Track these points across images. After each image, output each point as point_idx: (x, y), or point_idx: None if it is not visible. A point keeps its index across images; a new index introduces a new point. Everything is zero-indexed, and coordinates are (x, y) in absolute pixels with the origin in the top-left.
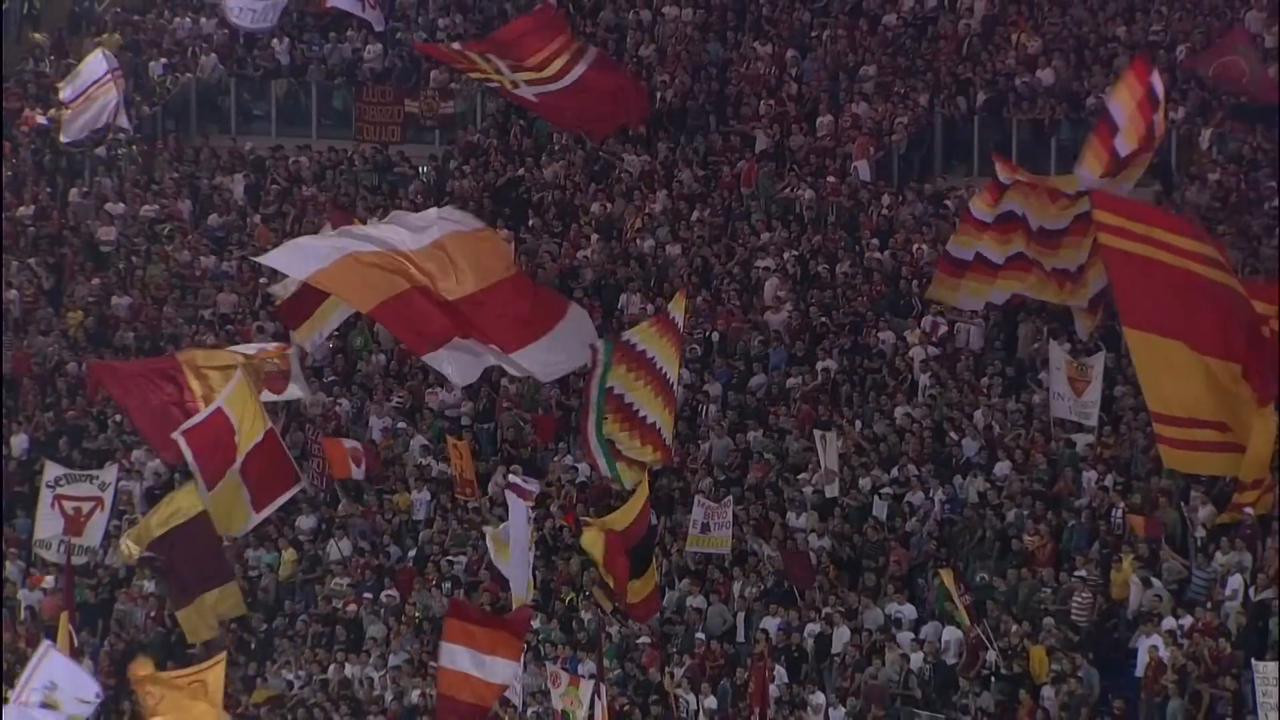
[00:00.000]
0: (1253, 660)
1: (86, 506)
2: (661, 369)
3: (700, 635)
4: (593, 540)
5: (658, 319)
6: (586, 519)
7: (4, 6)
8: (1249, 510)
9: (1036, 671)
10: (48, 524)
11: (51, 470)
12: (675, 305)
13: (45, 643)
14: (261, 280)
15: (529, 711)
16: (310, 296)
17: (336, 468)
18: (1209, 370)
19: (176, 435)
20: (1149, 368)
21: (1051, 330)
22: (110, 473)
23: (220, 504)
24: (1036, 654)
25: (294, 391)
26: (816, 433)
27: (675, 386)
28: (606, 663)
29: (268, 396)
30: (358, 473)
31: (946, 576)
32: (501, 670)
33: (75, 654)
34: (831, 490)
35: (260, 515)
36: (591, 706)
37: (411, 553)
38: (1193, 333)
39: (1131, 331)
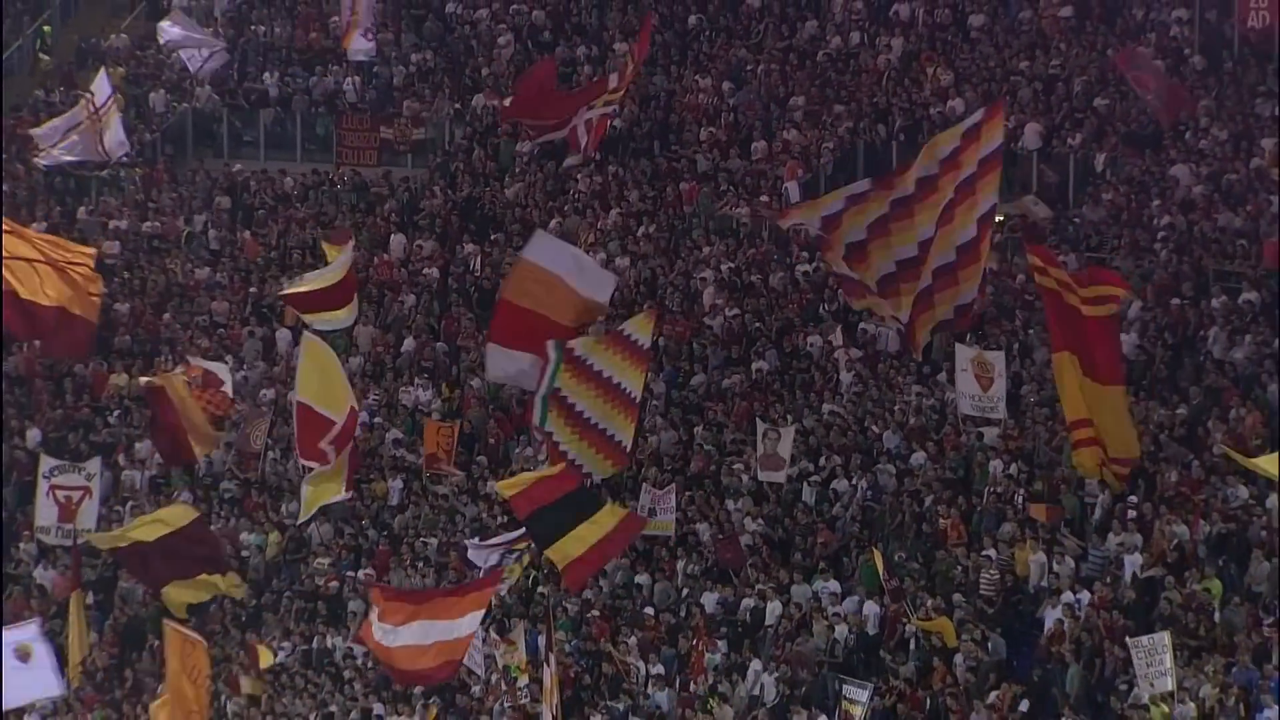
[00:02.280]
0: (1128, 638)
1: (76, 495)
2: (618, 383)
3: (649, 610)
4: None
5: (611, 338)
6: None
7: (5, 54)
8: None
9: (947, 640)
10: (45, 512)
11: (46, 462)
12: (637, 326)
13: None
14: (251, 290)
15: (493, 678)
16: (332, 298)
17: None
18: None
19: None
20: (1066, 383)
21: (957, 335)
22: (95, 464)
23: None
24: (946, 625)
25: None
26: (765, 426)
27: (635, 398)
28: (561, 635)
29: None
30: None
31: (877, 560)
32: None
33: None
34: (779, 477)
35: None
36: (539, 667)
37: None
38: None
39: (1058, 354)
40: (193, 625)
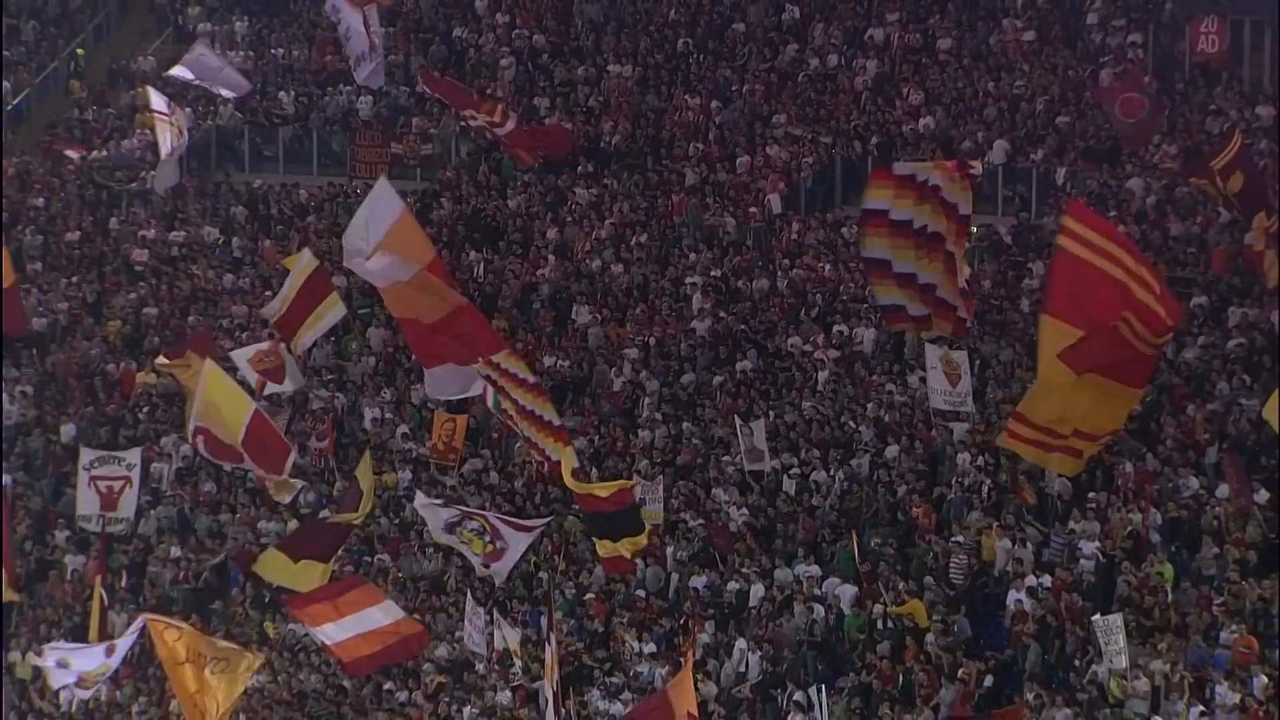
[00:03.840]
0: (1093, 617)
1: (118, 485)
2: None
3: (640, 592)
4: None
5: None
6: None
7: (43, 75)
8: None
9: (919, 622)
10: (87, 502)
11: (86, 455)
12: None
13: None
14: (268, 293)
15: (494, 657)
16: (300, 311)
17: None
18: (1086, 384)
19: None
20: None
21: (929, 337)
22: (135, 455)
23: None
24: (918, 607)
25: (289, 384)
26: (740, 423)
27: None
28: (559, 615)
29: (272, 388)
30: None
31: (853, 544)
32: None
33: (106, 611)
34: (761, 466)
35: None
36: (540, 646)
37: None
38: (1096, 332)
39: (1047, 317)
40: (218, 608)
